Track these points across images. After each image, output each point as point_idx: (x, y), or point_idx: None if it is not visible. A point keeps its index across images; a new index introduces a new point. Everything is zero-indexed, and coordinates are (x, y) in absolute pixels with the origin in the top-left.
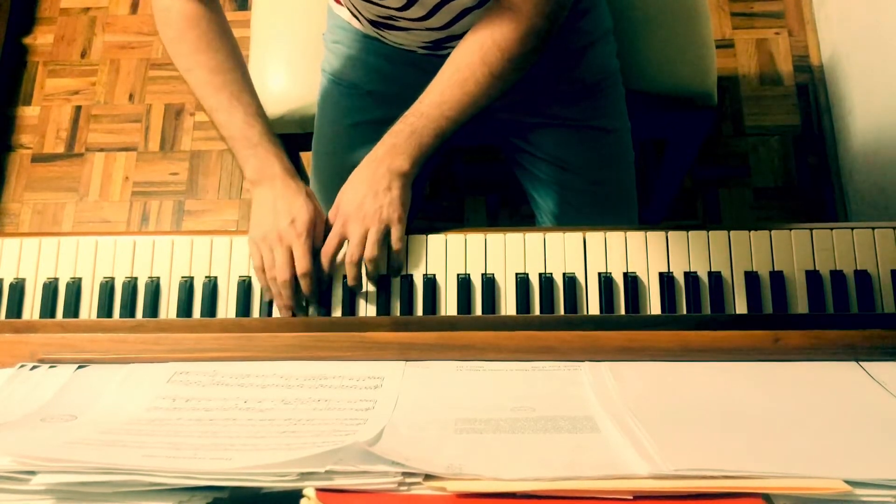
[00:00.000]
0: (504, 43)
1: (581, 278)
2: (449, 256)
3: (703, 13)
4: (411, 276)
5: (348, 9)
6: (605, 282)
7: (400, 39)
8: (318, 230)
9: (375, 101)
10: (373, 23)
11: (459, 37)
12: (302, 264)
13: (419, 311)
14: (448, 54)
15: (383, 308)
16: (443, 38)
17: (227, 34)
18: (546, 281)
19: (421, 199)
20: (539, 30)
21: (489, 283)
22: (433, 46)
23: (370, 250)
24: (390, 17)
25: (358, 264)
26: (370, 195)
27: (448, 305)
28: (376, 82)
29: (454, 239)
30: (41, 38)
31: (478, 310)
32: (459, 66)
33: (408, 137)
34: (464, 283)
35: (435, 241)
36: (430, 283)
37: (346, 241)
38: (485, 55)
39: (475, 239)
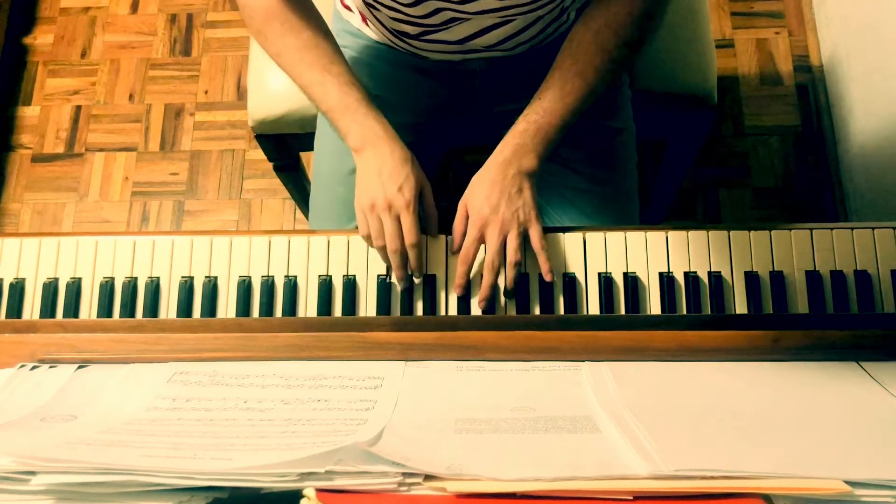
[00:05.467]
0: (618, 27)
1: (581, 278)
2: (449, 256)
3: (703, 13)
4: (411, 276)
5: (362, 16)
6: (605, 282)
7: (425, 47)
8: (427, 197)
9: (381, 106)
10: (398, 34)
11: (481, 50)
12: (410, 236)
13: (419, 311)
14: (463, 59)
15: (383, 308)
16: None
17: (310, 12)
18: (546, 281)
19: None
20: (649, 9)
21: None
22: (454, 52)
23: (514, 255)
24: (424, 33)
25: (498, 270)
26: (504, 199)
27: (448, 305)
28: (382, 88)
29: None
30: (41, 38)
31: (478, 309)
32: (576, 56)
33: (534, 136)
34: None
35: (434, 241)
36: (430, 283)
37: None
38: (601, 41)
39: None
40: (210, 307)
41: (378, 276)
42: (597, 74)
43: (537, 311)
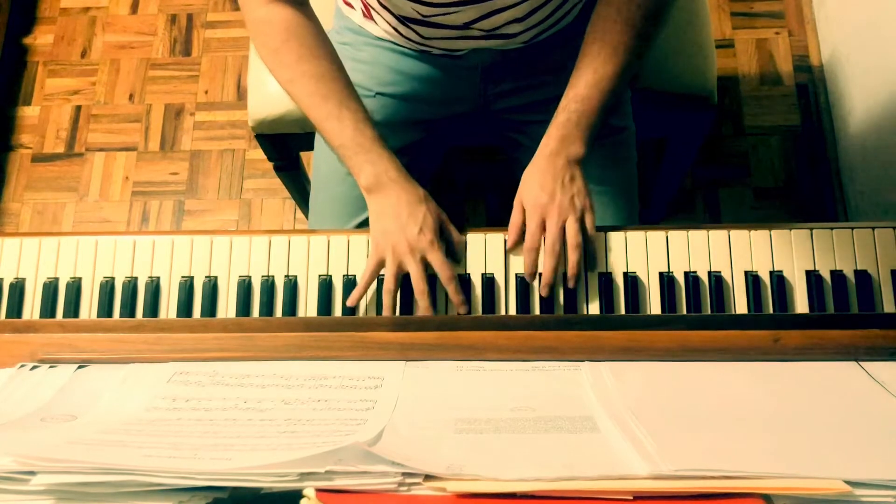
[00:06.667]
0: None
1: (581, 278)
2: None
3: (703, 14)
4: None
5: (365, 9)
6: (606, 282)
7: (428, 33)
8: (448, 228)
9: (382, 103)
10: (405, 19)
11: (482, 36)
12: (445, 271)
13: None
14: (463, 53)
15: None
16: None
17: (326, 40)
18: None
19: None
20: None
21: (489, 282)
22: (457, 38)
23: (575, 237)
24: (432, 14)
25: (560, 255)
26: (559, 186)
27: (448, 305)
28: (385, 84)
29: None
30: (41, 38)
31: (478, 310)
32: (604, 38)
33: (577, 124)
34: (464, 283)
35: None
36: (430, 283)
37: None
38: (625, 17)
39: (475, 239)
40: (210, 307)
41: (378, 276)
42: (627, 53)
43: (537, 311)
